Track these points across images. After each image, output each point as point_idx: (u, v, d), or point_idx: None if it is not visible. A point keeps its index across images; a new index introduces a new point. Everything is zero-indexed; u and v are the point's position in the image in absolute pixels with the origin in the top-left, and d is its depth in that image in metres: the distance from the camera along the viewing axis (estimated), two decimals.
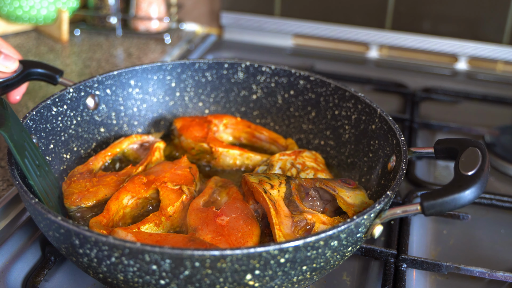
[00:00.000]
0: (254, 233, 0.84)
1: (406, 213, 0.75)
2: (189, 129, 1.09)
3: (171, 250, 0.66)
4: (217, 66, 1.16)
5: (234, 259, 0.67)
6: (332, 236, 0.71)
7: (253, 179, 0.89)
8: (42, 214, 0.72)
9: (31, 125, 0.92)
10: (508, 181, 1.18)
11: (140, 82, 1.12)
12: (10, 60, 0.98)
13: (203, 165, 1.07)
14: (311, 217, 0.83)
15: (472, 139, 0.81)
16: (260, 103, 1.17)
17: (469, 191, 0.72)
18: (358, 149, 1.03)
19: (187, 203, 0.92)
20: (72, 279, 0.87)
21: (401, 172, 0.83)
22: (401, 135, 0.90)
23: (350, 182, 0.91)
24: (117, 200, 0.90)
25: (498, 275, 0.89)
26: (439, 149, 0.85)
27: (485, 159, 0.76)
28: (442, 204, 0.72)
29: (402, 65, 1.65)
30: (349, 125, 1.05)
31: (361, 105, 1.02)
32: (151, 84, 1.13)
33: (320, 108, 1.11)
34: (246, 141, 1.14)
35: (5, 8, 1.51)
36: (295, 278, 0.74)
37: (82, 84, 1.03)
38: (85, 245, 0.70)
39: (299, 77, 1.12)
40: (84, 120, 1.05)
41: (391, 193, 0.78)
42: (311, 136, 1.12)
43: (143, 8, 1.63)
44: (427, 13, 1.60)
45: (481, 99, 1.47)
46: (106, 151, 1.03)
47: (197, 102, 1.18)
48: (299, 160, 1.01)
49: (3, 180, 1.02)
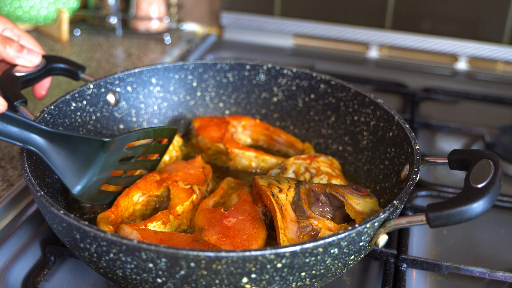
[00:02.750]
0: (260, 236, 0.84)
1: (411, 224, 0.73)
2: (206, 129, 1.10)
3: (166, 249, 0.66)
4: (239, 67, 1.16)
5: (229, 261, 0.66)
6: (331, 243, 0.70)
7: (263, 181, 0.89)
8: (46, 207, 0.73)
9: (49, 119, 0.94)
10: (508, 181, 1.16)
11: (162, 81, 1.13)
12: (33, 54, 1.00)
13: (222, 166, 1.08)
14: (317, 223, 0.82)
15: (486, 151, 0.78)
16: (281, 106, 1.16)
17: (476, 204, 0.70)
18: (374, 156, 1.01)
19: (197, 203, 0.92)
20: (72, 279, 0.88)
21: (411, 181, 0.81)
22: (416, 143, 0.89)
23: (361, 189, 0.89)
24: (127, 197, 0.91)
25: (498, 275, 0.88)
26: (453, 159, 0.83)
27: (497, 172, 0.73)
28: (448, 217, 0.70)
29: (402, 65, 1.63)
30: (367, 132, 1.04)
31: (380, 111, 1.01)
32: (172, 83, 1.14)
33: (340, 113, 1.09)
34: (264, 143, 1.14)
35: (5, 8, 1.53)
36: (293, 284, 0.73)
37: (103, 80, 1.04)
38: (85, 239, 0.70)
39: (320, 81, 1.11)
40: (103, 116, 1.06)
41: (398, 202, 0.76)
42: (329, 141, 1.11)
43: (143, 8, 1.64)
44: (427, 13, 1.59)
45: (481, 99, 1.46)
46: None
47: (218, 102, 1.18)
48: (313, 164, 1.00)
49: (3, 180, 1.02)
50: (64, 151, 0.84)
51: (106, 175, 0.90)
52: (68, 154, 0.84)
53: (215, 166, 1.07)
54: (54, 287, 0.86)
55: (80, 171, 0.86)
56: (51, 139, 0.83)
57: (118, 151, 0.90)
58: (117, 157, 0.91)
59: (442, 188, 1.08)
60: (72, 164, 0.85)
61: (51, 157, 0.83)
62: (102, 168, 0.88)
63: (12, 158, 1.08)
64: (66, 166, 0.84)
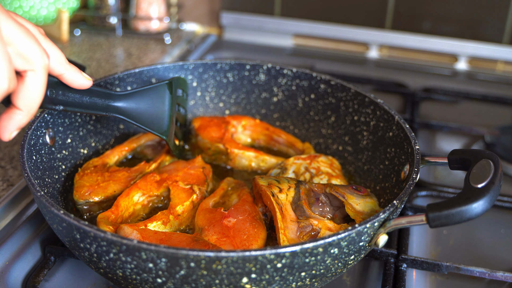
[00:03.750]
0: (260, 236, 0.84)
1: (411, 224, 0.73)
2: (206, 129, 1.10)
3: (166, 249, 0.66)
4: (239, 67, 1.16)
5: (229, 261, 0.66)
6: (331, 243, 0.70)
7: (263, 181, 0.89)
8: (46, 207, 0.73)
9: (49, 119, 0.94)
10: (508, 181, 1.16)
11: None
12: None
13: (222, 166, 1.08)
14: (317, 223, 0.82)
15: (486, 151, 0.78)
16: (281, 106, 1.16)
17: (476, 204, 0.70)
18: (374, 156, 1.01)
19: (197, 203, 0.92)
20: (72, 279, 0.88)
21: (411, 181, 0.81)
22: (416, 143, 0.89)
23: (361, 189, 0.89)
24: (127, 197, 0.91)
25: (498, 275, 0.88)
26: (453, 159, 0.83)
27: (497, 172, 0.73)
28: (448, 217, 0.70)
29: (402, 65, 1.63)
30: (367, 132, 1.04)
31: (380, 111, 1.01)
32: None
33: (340, 113, 1.09)
34: (264, 143, 1.14)
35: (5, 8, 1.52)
36: (294, 284, 0.73)
37: (102, 80, 1.04)
38: (85, 239, 0.70)
39: (320, 81, 1.11)
40: (103, 116, 1.06)
41: (397, 202, 0.76)
42: (329, 141, 1.11)
43: (143, 8, 1.64)
44: (427, 13, 1.59)
45: (481, 99, 1.46)
46: (123, 146, 1.04)
47: (218, 102, 1.18)
48: (313, 164, 1.00)
49: (3, 180, 1.02)
50: (141, 105, 0.93)
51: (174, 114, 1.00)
52: (144, 107, 0.93)
53: (215, 166, 1.07)
54: (54, 287, 0.86)
55: (159, 117, 0.95)
56: (127, 101, 0.91)
57: (175, 93, 1.00)
58: (176, 100, 1.01)
59: (442, 188, 1.08)
60: (151, 114, 0.94)
61: (133, 117, 0.92)
62: (171, 109, 0.97)
63: (12, 158, 1.08)
64: (148, 118, 0.93)
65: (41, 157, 0.90)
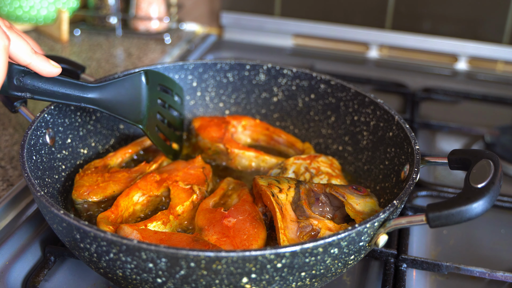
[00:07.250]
0: (260, 236, 0.84)
1: (411, 224, 0.73)
2: (206, 129, 1.10)
3: (166, 249, 0.66)
4: (238, 67, 1.16)
5: (229, 261, 0.66)
6: (331, 243, 0.70)
7: (263, 181, 0.89)
8: (46, 207, 0.73)
9: (49, 119, 0.94)
10: (508, 181, 1.16)
11: None
12: None
13: (222, 166, 1.08)
14: (317, 223, 0.82)
15: (486, 151, 0.78)
16: (281, 106, 1.16)
17: (476, 204, 0.70)
18: (374, 156, 1.01)
19: (197, 203, 0.92)
20: (72, 279, 0.88)
21: (411, 181, 0.81)
22: (416, 143, 0.89)
23: (361, 189, 0.89)
24: (127, 197, 0.91)
25: (498, 275, 0.88)
26: (453, 159, 0.83)
27: (497, 172, 0.73)
28: (448, 217, 0.70)
29: (402, 65, 1.64)
30: (367, 132, 1.04)
31: (380, 111, 1.01)
32: None
33: (340, 113, 1.09)
34: (264, 144, 1.14)
35: (5, 8, 1.53)
36: (293, 284, 0.73)
37: None
38: (85, 239, 0.70)
39: (320, 81, 1.11)
40: (103, 116, 1.06)
41: (397, 202, 0.76)
42: (329, 141, 1.11)
43: (143, 8, 1.64)
44: (427, 13, 1.59)
45: (481, 99, 1.47)
46: (126, 148, 1.04)
47: (218, 102, 1.18)
48: (313, 164, 1.00)
49: (3, 180, 1.02)
50: (116, 96, 0.93)
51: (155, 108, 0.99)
52: (119, 98, 0.93)
53: (215, 166, 1.07)
54: (54, 287, 0.86)
55: (135, 106, 0.95)
56: (101, 92, 0.91)
57: (154, 85, 0.99)
58: (156, 93, 1.00)
59: (442, 188, 1.08)
60: (126, 104, 0.94)
61: (108, 107, 0.91)
62: (149, 100, 0.97)
63: (12, 158, 1.08)
64: (123, 108, 0.93)
65: (41, 157, 0.90)
